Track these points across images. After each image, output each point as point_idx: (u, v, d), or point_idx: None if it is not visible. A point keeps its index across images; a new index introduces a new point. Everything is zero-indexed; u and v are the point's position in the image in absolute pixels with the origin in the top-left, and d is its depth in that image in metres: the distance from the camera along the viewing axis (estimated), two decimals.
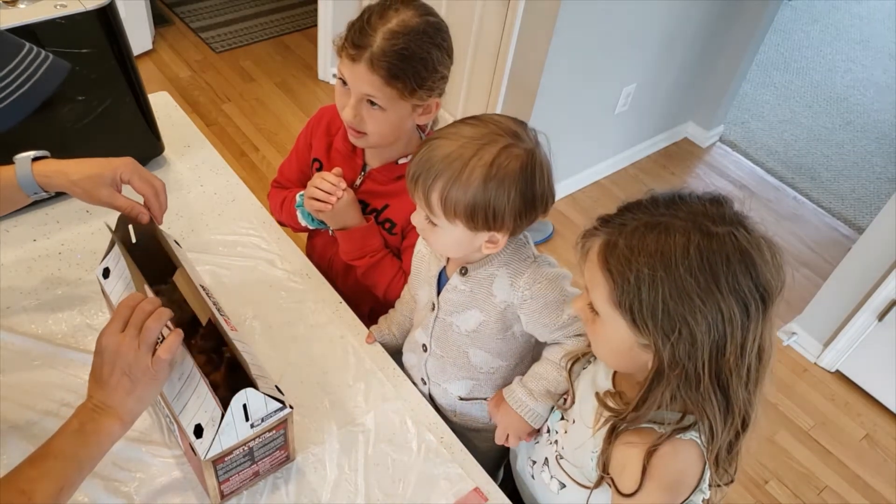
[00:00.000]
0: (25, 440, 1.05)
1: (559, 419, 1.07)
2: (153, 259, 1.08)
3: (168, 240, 1.09)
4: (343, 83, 1.17)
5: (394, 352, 1.30)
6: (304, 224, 1.36)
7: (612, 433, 0.91)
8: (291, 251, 1.41)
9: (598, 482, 0.96)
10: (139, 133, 1.50)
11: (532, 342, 1.17)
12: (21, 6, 1.25)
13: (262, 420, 0.94)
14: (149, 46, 3.34)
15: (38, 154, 1.08)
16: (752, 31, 2.93)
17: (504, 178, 0.94)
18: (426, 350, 1.21)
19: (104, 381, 0.87)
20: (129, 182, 1.09)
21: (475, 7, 2.54)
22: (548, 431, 1.10)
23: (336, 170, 1.25)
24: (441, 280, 1.15)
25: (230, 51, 3.47)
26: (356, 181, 1.33)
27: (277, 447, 1.02)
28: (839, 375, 2.46)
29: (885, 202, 2.23)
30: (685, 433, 0.87)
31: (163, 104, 1.67)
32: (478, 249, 1.04)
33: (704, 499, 0.92)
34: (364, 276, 1.34)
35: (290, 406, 0.97)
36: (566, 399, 1.08)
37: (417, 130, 1.29)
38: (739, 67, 3.06)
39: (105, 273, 1.08)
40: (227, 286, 1.32)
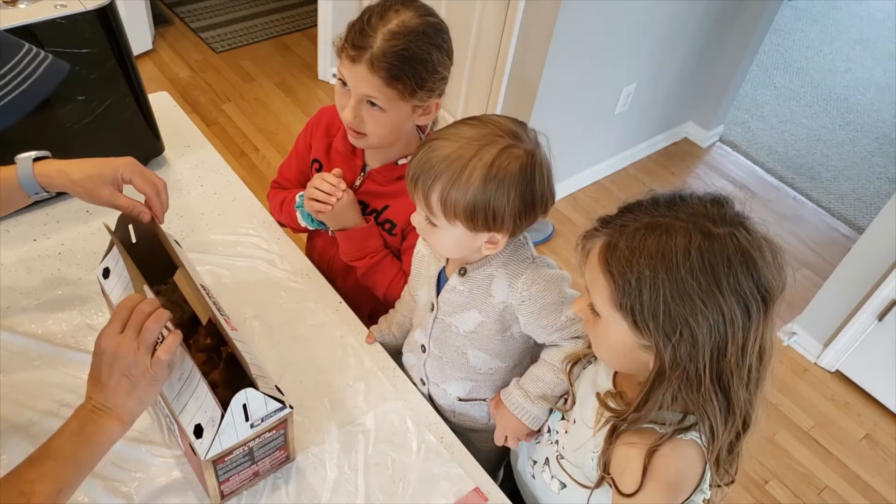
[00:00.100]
0: (25, 440, 1.05)
1: (560, 419, 1.07)
2: (153, 259, 1.08)
3: (169, 239, 1.09)
4: (343, 84, 1.17)
5: (394, 352, 1.30)
6: (304, 225, 1.36)
7: (613, 433, 0.91)
8: (291, 251, 1.41)
9: (599, 482, 0.96)
10: (139, 133, 1.50)
11: (531, 343, 1.17)
12: (21, 6, 1.25)
13: (262, 420, 0.94)
14: (149, 46, 3.34)
15: (40, 154, 1.08)
16: (752, 31, 2.93)
17: (504, 179, 0.94)
18: (425, 351, 1.21)
19: (103, 383, 0.86)
20: (131, 181, 1.09)
21: (475, 7, 2.54)
22: (548, 431, 1.10)
23: (336, 171, 1.25)
24: (440, 280, 1.14)
25: (230, 51, 3.47)
26: (356, 182, 1.33)
27: (277, 447, 1.02)
28: (839, 375, 2.46)
29: (885, 202, 2.22)
30: (686, 433, 0.87)
31: (163, 104, 1.67)
32: (477, 250, 1.04)
33: (705, 499, 0.92)
34: (364, 277, 1.34)
35: (290, 406, 0.97)
36: (566, 399, 1.08)
37: (417, 131, 1.29)
38: (739, 67, 3.06)
39: (105, 273, 1.08)
40: (227, 286, 1.32)
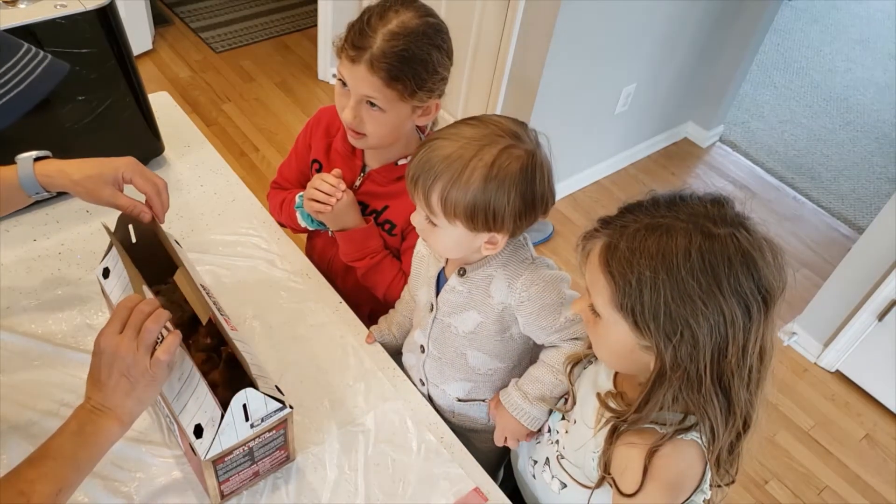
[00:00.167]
0: (25, 440, 1.05)
1: (560, 419, 1.07)
2: (154, 259, 1.08)
3: (169, 239, 1.09)
4: (342, 84, 1.17)
5: (394, 352, 1.29)
6: (304, 225, 1.36)
7: (614, 433, 0.91)
8: (291, 251, 1.41)
9: (600, 482, 0.96)
10: (139, 133, 1.50)
11: (530, 344, 1.17)
12: (21, 6, 1.25)
13: (262, 420, 0.94)
14: (149, 46, 3.34)
15: (40, 154, 1.08)
16: (752, 31, 2.93)
17: (504, 179, 0.94)
18: (424, 351, 1.21)
19: (103, 383, 0.86)
20: (131, 181, 1.09)
21: (475, 7, 2.54)
22: (549, 431, 1.10)
23: (335, 171, 1.25)
24: (440, 281, 1.14)
25: (230, 51, 3.47)
26: (356, 182, 1.33)
27: (277, 447, 1.02)
28: (839, 375, 2.46)
29: (885, 202, 2.22)
30: (686, 434, 0.87)
31: (163, 104, 1.67)
32: (477, 250, 1.04)
33: (705, 499, 0.92)
34: (364, 278, 1.34)
35: (290, 406, 0.97)
36: (566, 400, 1.08)
37: (417, 131, 1.29)
38: (739, 67, 3.06)
39: (105, 273, 1.08)
40: (227, 286, 1.32)
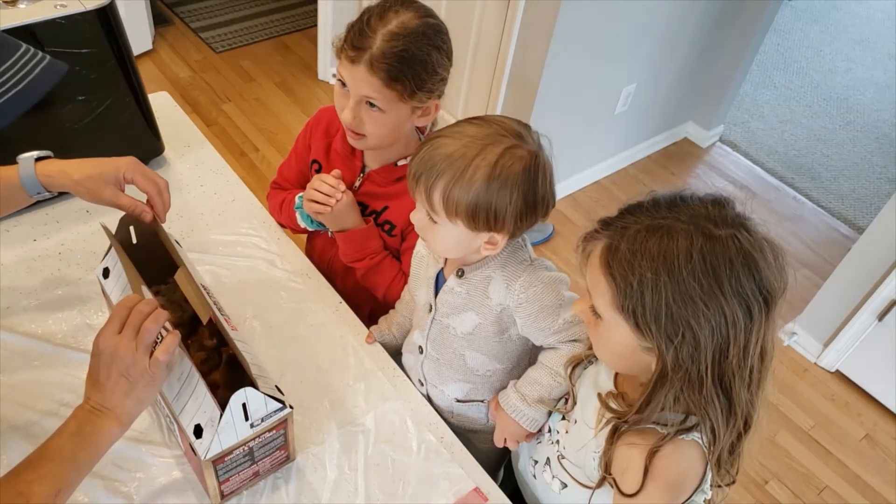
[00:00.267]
0: (25, 440, 1.05)
1: (560, 419, 1.07)
2: (155, 259, 1.08)
3: (170, 239, 1.09)
4: (342, 85, 1.17)
5: (394, 352, 1.29)
6: (304, 226, 1.36)
7: (615, 434, 0.91)
8: (291, 251, 1.41)
9: (600, 482, 0.96)
10: (139, 133, 1.50)
11: (529, 345, 1.17)
12: (21, 6, 1.25)
13: (262, 420, 0.94)
14: (149, 46, 3.34)
15: (42, 154, 1.08)
16: (752, 31, 2.93)
17: (507, 179, 0.94)
18: (422, 352, 1.21)
19: (101, 383, 0.86)
20: (133, 180, 1.09)
21: (475, 7, 2.54)
22: (549, 431, 1.10)
23: (335, 172, 1.25)
24: (439, 282, 1.14)
25: (230, 51, 3.47)
26: (355, 183, 1.33)
27: (277, 447, 1.02)
28: (839, 375, 2.46)
29: (885, 202, 2.22)
30: (687, 434, 0.87)
31: (163, 104, 1.67)
32: (476, 251, 1.04)
33: (706, 499, 0.92)
34: (363, 278, 1.34)
35: (290, 406, 0.97)
36: (567, 400, 1.08)
37: (416, 132, 1.29)
38: (739, 67, 3.06)
39: (105, 273, 1.08)
40: (227, 286, 1.32)
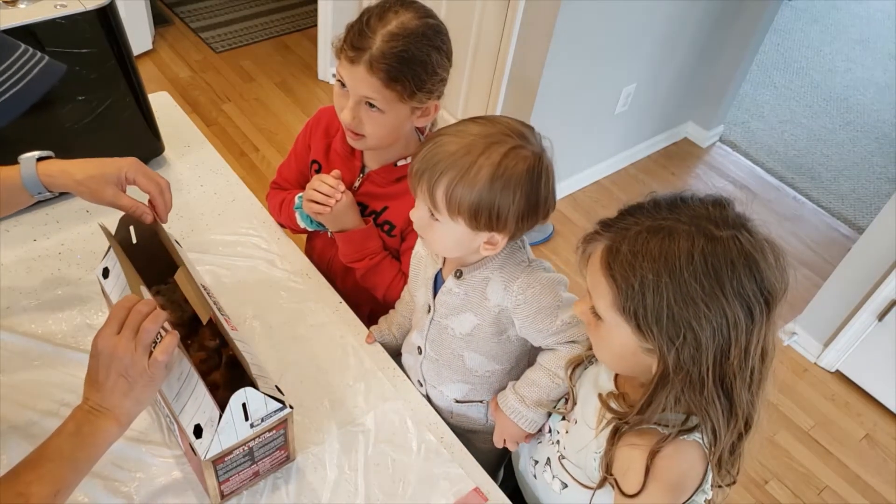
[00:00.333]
0: (25, 440, 1.05)
1: (560, 419, 1.07)
2: (155, 259, 1.08)
3: (170, 239, 1.09)
4: (342, 85, 1.17)
5: (394, 352, 1.29)
6: (303, 226, 1.36)
7: (615, 434, 0.91)
8: (291, 251, 1.41)
9: (601, 483, 0.96)
10: (139, 133, 1.50)
11: (528, 346, 1.17)
12: (21, 6, 1.25)
13: (262, 420, 0.94)
14: (149, 46, 3.33)
15: (43, 154, 1.08)
16: (752, 31, 2.93)
17: (510, 179, 0.94)
18: (421, 353, 1.21)
19: (100, 384, 0.86)
20: (134, 181, 1.09)
21: (475, 7, 2.54)
22: (549, 431, 1.10)
23: (335, 172, 1.25)
24: (437, 282, 1.14)
25: (230, 51, 3.47)
26: (355, 183, 1.33)
27: (277, 447, 1.02)
28: (839, 375, 2.46)
29: (885, 202, 2.22)
30: (688, 434, 0.87)
31: (163, 104, 1.67)
32: (475, 251, 1.03)
33: (707, 499, 0.92)
34: (363, 279, 1.34)
35: (290, 406, 0.97)
36: (566, 400, 1.07)
37: (416, 133, 1.29)
38: (739, 67, 3.06)
39: (105, 273, 1.08)
40: (227, 286, 1.32)
